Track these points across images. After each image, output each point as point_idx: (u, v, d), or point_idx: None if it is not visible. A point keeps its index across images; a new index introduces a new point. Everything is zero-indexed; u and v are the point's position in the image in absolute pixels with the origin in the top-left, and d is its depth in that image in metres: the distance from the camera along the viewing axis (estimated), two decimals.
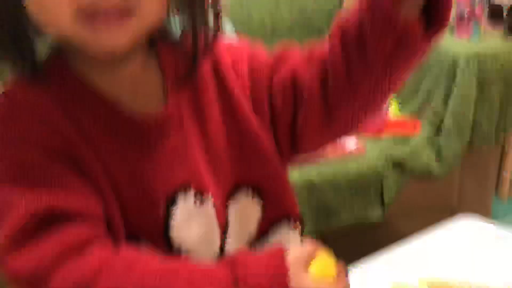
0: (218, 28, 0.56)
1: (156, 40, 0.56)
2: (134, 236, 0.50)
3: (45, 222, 0.45)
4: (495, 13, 1.91)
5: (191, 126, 0.56)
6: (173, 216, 0.52)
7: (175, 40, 0.57)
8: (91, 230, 0.46)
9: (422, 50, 0.48)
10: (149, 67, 0.55)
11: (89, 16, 0.46)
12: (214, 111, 0.57)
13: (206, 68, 0.58)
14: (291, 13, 1.80)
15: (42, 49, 0.55)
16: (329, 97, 0.53)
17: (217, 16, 0.56)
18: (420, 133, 1.44)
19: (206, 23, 0.55)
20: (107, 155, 0.51)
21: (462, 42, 1.48)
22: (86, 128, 0.51)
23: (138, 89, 0.54)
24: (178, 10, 0.55)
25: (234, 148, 0.57)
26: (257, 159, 0.57)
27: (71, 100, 0.51)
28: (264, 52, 0.60)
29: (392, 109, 1.53)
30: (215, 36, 0.56)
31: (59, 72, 0.52)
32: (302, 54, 0.56)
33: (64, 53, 0.53)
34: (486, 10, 1.88)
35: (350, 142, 1.41)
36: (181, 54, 0.56)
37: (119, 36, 0.48)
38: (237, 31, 1.65)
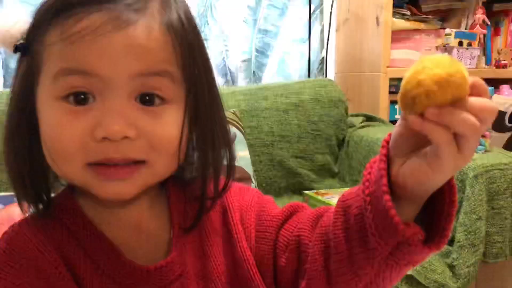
0: (230, 175, 0.57)
1: (167, 181, 0.56)
2: None
3: None
4: (497, 120, 1.96)
5: (192, 275, 0.55)
6: None
7: (185, 183, 0.58)
8: None
9: (422, 256, 0.46)
10: (156, 208, 0.56)
11: (98, 166, 0.47)
12: (218, 261, 0.56)
13: (215, 214, 0.58)
14: (299, 121, 1.85)
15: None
16: (330, 272, 0.50)
17: (230, 165, 0.57)
18: None
19: (218, 171, 0.55)
20: None
21: None
22: (82, 272, 0.50)
23: (142, 234, 0.54)
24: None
25: None
26: None
27: (74, 239, 0.52)
28: (273, 207, 0.60)
29: None
30: (227, 184, 0.57)
31: (68, 210, 0.53)
32: (310, 218, 0.55)
33: (75, 193, 0.54)
34: None
35: None
36: (190, 197, 0.57)
37: (126, 187, 0.49)
38: (246, 139, 1.69)
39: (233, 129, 1.65)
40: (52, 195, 0.55)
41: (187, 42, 0.50)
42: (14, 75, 0.52)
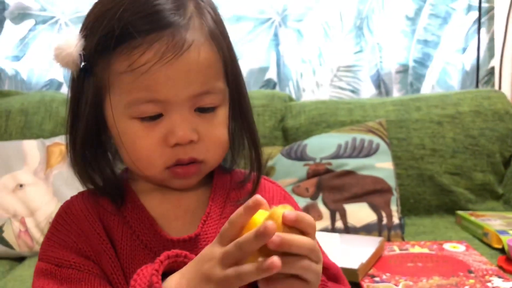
0: (260, 169, 0.65)
1: (213, 172, 0.65)
2: None
3: None
4: None
5: None
6: None
7: (228, 171, 0.67)
8: None
9: None
10: (199, 189, 0.64)
11: (173, 166, 0.59)
12: None
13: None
14: (455, 135, 1.71)
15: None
16: None
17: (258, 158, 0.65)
18: None
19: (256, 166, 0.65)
20: (132, 264, 0.58)
21: None
22: (118, 234, 0.59)
23: (180, 209, 0.62)
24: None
25: None
26: None
27: (116, 209, 0.61)
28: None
29: None
30: (258, 176, 0.65)
31: (117, 186, 0.62)
32: None
33: (129, 175, 0.64)
34: None
35: None
36: (235, 184, 0.66)
37: (191, 181, 0.61)
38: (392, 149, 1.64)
39: (376, 139, 1.62)
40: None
41: (225, 43, 0.60)
42: (76, 90, 0.60)
